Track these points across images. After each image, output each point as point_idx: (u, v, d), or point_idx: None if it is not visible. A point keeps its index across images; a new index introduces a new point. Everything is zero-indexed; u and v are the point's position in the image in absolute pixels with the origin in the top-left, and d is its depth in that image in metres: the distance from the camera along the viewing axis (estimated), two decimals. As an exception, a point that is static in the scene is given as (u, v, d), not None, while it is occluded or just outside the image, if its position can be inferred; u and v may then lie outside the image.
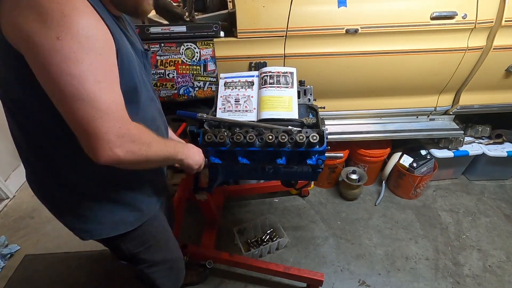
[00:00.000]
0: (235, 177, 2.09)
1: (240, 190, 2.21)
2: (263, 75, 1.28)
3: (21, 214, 2.22)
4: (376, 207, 2.18)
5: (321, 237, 1.97)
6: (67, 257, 1.91)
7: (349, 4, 1.59)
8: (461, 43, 1.67)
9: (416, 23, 1.61)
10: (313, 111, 1.24)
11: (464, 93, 1.94)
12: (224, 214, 2.13)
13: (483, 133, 2.18)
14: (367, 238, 1.96)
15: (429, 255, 1.85)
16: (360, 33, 1.62)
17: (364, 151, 2.13)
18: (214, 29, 1.61)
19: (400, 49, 1.67)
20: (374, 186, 2.35)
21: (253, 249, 1.80)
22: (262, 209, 2.19)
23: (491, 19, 1.62)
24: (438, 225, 2.03)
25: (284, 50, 1.67)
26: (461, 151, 2.12)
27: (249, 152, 1.13)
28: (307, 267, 1.70)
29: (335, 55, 1.68)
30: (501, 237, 1.95)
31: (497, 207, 2.15)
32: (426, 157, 2.08)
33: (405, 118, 2.07)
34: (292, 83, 1.26)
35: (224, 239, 1.93)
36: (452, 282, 1.71)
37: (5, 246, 1.96)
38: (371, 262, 1.82)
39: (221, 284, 1.74)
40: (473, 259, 1.83)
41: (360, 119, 2.06)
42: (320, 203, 2.23)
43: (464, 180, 2.39)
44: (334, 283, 1.72)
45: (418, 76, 1.80)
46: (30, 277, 1.82)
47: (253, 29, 1.62)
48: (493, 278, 1.73)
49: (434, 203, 2.20)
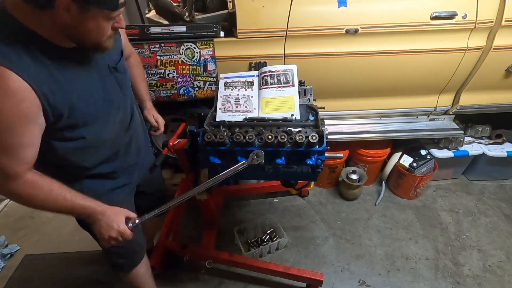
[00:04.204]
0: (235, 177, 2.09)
1: (240, 190, 2.21)
2: (263, 75, 1.28)
3: (21, 214, 2.22)
4: (376, 207, 2.18)
5: (321, 237, 1.97)
6: (67, 257, 1.91)
7: (349, 4, 1.59)
8: (461, 43, 1.67)
9: (416, 23, 1.61)
10: (313, 111, 1.24)
11: (464, 93, 1.94)
12: (224, 214, 2.13)
13: (483, 133, 2.18)
14: (367, 238, 1.96)
15: (429, 255, 1.85)
16: (360, 33, 1.62)
17: (364, 151, 2.13)
18: (214, 29, 1.61)
19: (400, 49, 1.67)
20: (374, 186, 2.34)
21: (253, 249, 1.80)
22: (262, 209, 2.19)
23: (491, 19, 1.62)
24: (438, 225, 2.03)
25: (284, 50, 1.67)
26: (461, 151, 2.12)
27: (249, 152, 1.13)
28: (307, 267, 1.70)
29: (335, 55, 1.68)
30: (501, 237, 1.95)
31: (497, 207, 2.15)
32: (426, 157, 2.08)
33: (405, 118, 2.07)
34: (293, 81, 1.26)
35: (224, 239, 1.93)
36: (452, 282, 1.71)
37: (5, 246, 1.96)
38: (371, 262, 1.82)
39: (221, 284, 1.74)
40: (473, 259, 1.82)
41: (360, 119, 2.06)
42: (320, 203, 2.23)
43: (464, 180, 2.39)
44: (334, 283, 1.72)
45: (418, 76, 1.80)
46: (30, 277, 1.82)
47: (253, 29, 1.62)
48: (493, 278, 1.73)
49: (434, 203, 2.20)
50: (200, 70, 1.70)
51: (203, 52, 1.65)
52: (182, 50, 1.65)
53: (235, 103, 1.25)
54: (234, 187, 2.20)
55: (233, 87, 1.30)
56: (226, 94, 1.28)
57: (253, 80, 1.30)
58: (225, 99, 1.27)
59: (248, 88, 1.28)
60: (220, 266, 1.76)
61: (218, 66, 1.69)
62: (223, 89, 1.30)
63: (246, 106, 1.24)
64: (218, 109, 1.25)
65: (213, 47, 1.64)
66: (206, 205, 1.66)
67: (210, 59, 1.67)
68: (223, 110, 1.24)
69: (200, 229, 1.88)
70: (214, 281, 1.75)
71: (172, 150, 1.44)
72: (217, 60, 1.67)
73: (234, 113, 1.23)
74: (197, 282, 1.75)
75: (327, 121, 2.02)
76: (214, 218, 1.83)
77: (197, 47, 1.64)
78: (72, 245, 1.96)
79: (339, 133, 1.99)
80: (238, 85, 1.30)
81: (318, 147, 1.08)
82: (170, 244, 1.65)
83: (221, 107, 1.25)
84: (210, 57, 1.66)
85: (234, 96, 1.27)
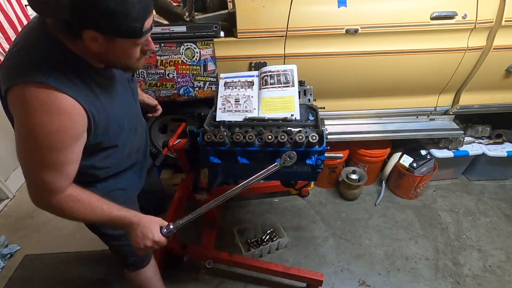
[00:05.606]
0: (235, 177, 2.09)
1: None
2: (263, 75, 1.28)
3: (21, 214, 2.22)
4: (376, 207, 2.18)
5: (321, 237, 1.97)
6: (67, 257, 1.91)
7: (349, 4, 1.59)
8: (461, 43, 1.67)
9: (416, 23, 1.61)
10: (313, 111, 1.24)
11: (464, 93, 1.94)
12: (224, 214, 2.13)
13: (483, 133, 2.18)
14: (367, 238, 1.96)
15: (429, 255, 1.85)
16: (360, 33, 1.62)
17: (364, 151, 2.13)
18: (214, 29, 1.61)
19: (400, 49, 1.67)
20: (374, 186, 2.34)
21: (253, 249, 1.80)
22: (262, 209, 2.19)
23: (491, 19, 1.62)
24: (438, 225, 2.03)
25: (284, 50, 1.67)
26: (461, 151, 2.12)
27: (249, 152, 1.13)
28: (307, 267, 1.69)
29: (335, 55, 1.68)
30: (501, 237, 1.95)
31: (497, 207, 2.15)
32: (426, 157, 2.08)
33: (405, 118, 2.07)
34: (293, 81, 1.26)
35: (224, 239, 1.93)
36: (452, 282, 1.71)
37: (5, 246, 1.96)
38: (371, 262, 1.82)
39: (221, 284, 1.74)
40: (473, 259, 1.82)
41: (360, 119, 2.06)
42: (320, 203, 2.23)
43: (464, 180, 2.39)
44: (334, 283, 1.72)
45: (418, 76, 1.80)
46: (30, 277, 1.82)
47: (253, 29, 1.62)
48: (493, 278, 1.73)
49: (434, 203, 2.20)
50: (200, 70, 1.70)
51: (203, 52, 1.65)
52: (182, 50, 1.65)
53: (235, 103, 1.25)
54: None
55: (233, 87, 1.30)
56: (226, 94, 1.28)
57: (253, 80, 1.30)
58: (225, 99, 1.27)
59: (248, 88, 1.28)
60: (220, 266, 1.76)
61: (218, 66, 1.69)
62: (223, 89, 1.30)
63: (246, 106, 1.24)
64: (218, 109, 1.25)
65: (213, 47, 1.64)
66: (206, 205, 1.65)
67: (210, 59, 1.67)
68: (223, 110, 1.24)
69: (200, 229, 1.88)
70: (214, 281, 1.75)
71: (172, 150, 1.44)
72: (217, 60, 1.67)
73: (234, 113, 1.23)
74: (197, 282, 1.75)
75: (327, 121, 2.02)
76: (214, 218, 1.83)
77: (197, 47, 1.64)
78: (72, 245, 1.96)
79: (339, 133, 1.99)
80: (238, 85, 1.30)
81: (318, 147, 1.08)
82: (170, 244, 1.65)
83: (221, 107, 1.25)
84: (210, 57, 1.66)
85: (234, 96, 1.27)
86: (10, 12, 2.28)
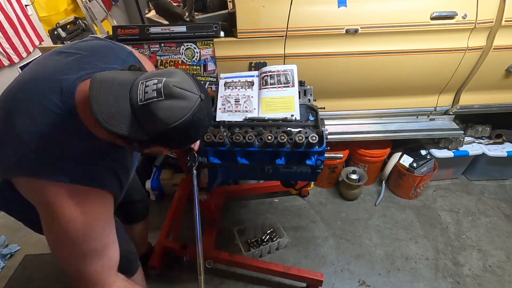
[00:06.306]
0: (235, 177, 2.09)
1: (240, 190, 2.21)
2: (263, 75, 1.28)
3: (21, 214, 2.22)
4: (376, 207, 2.18)
5: (321, 237, 1.97)
6: (67, 257, 1.91)
7: (349, 4, 1.59)
8: (461, 43, 1.67)
9: (416, 23, 1.61)
10: (313, 111, 1.24)
11: (464, 93, 1.93)
12: (224, 214, 2.13)
13: (483, 133, 2.17)
14: (367, 238, 1.96)
15: (429, 255, 1.85)
16: (360, 33, 1.62)
17: (364, 151, 2.13)
18: (214, 29, 1.61)
19: (400, 49, 1.67)
20: (374, 186, 2.34)
21: (253, 249, 1.80)
22: (262, 209, 2.19)
23: (491, 19, 1.62)
24: (438, 225, 2.03)
25: (284, 50, 1.67)
26: (461, 151, 2.12)
27: (249, 152, 1.13)
28: (307, 267, 1.69)
29: (335, 55, 1.68)
30: (501, 237, 1.95)
31: (497, 207, 2.15)
32: (426, 157, 2.08)
33: (405, 118, 2.07)
34: (293, 81, 1.26)
35: (224, 239, 1.93)
36: (452, 282, 1.71)
37: (5, 246, 1.96)
38: (371, 262, 1.82)
39: (221, 284, 1.74)
40: (473, 259, 1.83)
41: (360, 119, 2.06)
42: (320, 203, 2.23)
43: (464, 180, 2.39)
44: (334, 283, 1.72)
45: (418, 76, 1.80)
46: (30, 277, 1.82)
47: (253, 29, 1.62)
48: (493, 278, 1.73)
49: (434, 203, 2.20)
50: (200, 70, 1.70)
51: (203, 52, 1.65)
52: (182, 50, 1.65)
53: (235, 103, 1.25)
54: (234, 187, 2.20)
55: (233, 87, 1.30)
56: (226, 94, 1.28)
57: (253, 80, 1.30)
58: (225, 99, 1.27)
59: (248, 88, 1.28)
60: (220, 266, 1.76)
61: (218, 66, 1.69)
62: (223, 89, 1.30)
63: (246, 106, 1.24)
64: (218, 109, 1.25)
65: (213, 47, 1.64)
66: (206, 205, 1.65)
67: (210, 59, 1.67)
68: (223, 110, 1.24)
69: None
70: (214, 281, 1.75)
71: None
72: (217, 60, 1.67)
73: (234, 113, 1.23)
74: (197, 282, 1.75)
75: (327, 121, 2.02)
76: (214, 218, 1.83)
77: (197, 47, 1.64)
78: (72, 245, 1.96)
79: (339, 133, 1.98)
80: (238, 85, 1.30)
81: (318, 148, 1.08)
82: (170, 244, 1.66)
83: (221, 107, 1.25)
84: (210, 57, 1.66)
85: (234, 96, 1.27)
86: (10, 12, 2.28)
